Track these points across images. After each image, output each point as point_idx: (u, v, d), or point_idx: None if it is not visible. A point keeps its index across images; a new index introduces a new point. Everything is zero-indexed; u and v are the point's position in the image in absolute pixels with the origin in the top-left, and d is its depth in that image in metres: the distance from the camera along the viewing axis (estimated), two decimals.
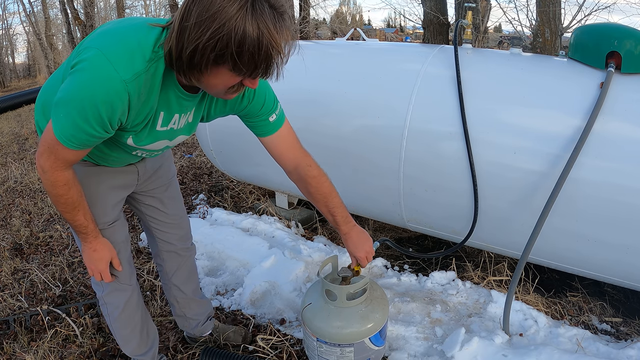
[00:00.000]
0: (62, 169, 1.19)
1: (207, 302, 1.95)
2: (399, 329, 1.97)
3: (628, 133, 1.69)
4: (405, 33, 31.53)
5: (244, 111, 1.37)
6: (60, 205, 1.27)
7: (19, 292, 2.49)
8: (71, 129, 1.08)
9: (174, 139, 1.34)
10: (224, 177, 4.08)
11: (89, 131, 1.08)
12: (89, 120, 1.05)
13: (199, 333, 1.95)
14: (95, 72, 1.01)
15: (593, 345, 1.86)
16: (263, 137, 1.44)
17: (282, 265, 2.41)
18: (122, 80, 1.02)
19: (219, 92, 1.10)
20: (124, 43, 1.04)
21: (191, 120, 1.33)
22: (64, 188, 1.23)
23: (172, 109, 1.21)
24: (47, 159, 1.16)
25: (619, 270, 1.83)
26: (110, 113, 1.05)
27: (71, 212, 1.29)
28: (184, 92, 1.18)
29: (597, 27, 1.98)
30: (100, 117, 1.05)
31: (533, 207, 1.84)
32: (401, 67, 2.24)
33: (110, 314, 1.60)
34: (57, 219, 3.49)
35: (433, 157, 2.04)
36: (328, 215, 1.57)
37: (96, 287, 1.59)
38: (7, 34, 23.44)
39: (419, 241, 2.87)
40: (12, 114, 8.67)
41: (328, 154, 2.37)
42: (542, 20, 4.26)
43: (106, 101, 1.03)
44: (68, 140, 1.10)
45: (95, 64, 1.01)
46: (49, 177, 1.20)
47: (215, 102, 1.32)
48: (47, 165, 1.17)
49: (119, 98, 1.04)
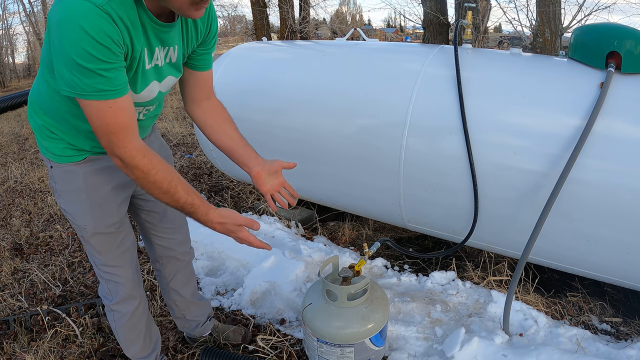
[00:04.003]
0: (131, 143, 1.13)
1: (207, 303, 1.94)
2: (399, 329, 1.97)
3: (628, 133, 1.69)
4: (405, 33, 31.53)
5: (206, 37, 1.37)
6: (162, 193, 1.20)
7: (19, 292, 2.49)
8: (90, 78, 1.04)
9: (162, 80, 1.32)
10: (224, 177, 4.08)
11: (106, 66, 1.04)
12: (97, 56, 1.02)
13: (199, 333, 1.95)
14: (70, 14, 0.99)
15: (593, 345, 1.86)
16: (202, 71, 1.44)
17: (282, 265, 2.41)
18: (96, 5, 1.00)
19: (184, 5, 1.08)
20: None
21: (175, 60, 1.32)
22: (153, 170, 1.17)
23: (152, 42, 1.19)
24: (109, 141, 1.12)
25: (619, 270, 1.83)
26: (107, 39, 1.03)
27: (171, 193, 1.21)
28: (158, 22, 1.17)
29: (597, 27, 1.98)
30: (104, 47, 1.03)
31: (533, 207, 1.84)
32: (401, 67, 2.24)
33: (116, 321, 1.60)
34: (57, 219, 3.49)
35: (433, 157, 2.04)
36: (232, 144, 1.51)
37: (104, 296, 1.58)
38: (7, 34, 23.44)
39: (419, 241, 2.87)
40: (12, 114, 8.67)
41: (328, 153, 2.37)
42: (542, 20, 4.26)
43: (97, 31, 1.00)
44: (97, 92, 1.06)
45: (66, 8, 1.00)
46: (130, 166, 1.15)
47: (190, 31, 1.31)
48: (117, 150, 1.13)
49: (106, 22, 1.02)
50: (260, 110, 2.53)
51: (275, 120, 2.50)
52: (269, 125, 2.53)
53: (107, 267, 1.49)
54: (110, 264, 1.49)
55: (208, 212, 1.28)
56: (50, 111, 1.29)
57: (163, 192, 1.21)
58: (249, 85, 2.67)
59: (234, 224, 1.29)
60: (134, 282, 1.56)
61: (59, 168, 1.36)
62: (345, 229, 2.94)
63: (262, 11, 8.21)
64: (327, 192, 2.55)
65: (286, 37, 8.31)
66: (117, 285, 1.53)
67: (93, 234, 1.42)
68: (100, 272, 1.52)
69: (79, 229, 1.44)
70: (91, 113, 1.10)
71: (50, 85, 1.23)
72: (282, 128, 2.50)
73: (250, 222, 1.31)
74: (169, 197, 1.22)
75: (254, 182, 1.52)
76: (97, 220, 1.41)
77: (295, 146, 2.47)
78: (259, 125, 2.55)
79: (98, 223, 1.41)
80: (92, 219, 1.40)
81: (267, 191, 1.52)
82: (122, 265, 1.51)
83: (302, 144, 2.44)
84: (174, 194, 1.21)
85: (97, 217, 1.40)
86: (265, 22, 8.39)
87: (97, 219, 1.40)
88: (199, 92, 1.48)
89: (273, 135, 2.53)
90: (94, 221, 1.40)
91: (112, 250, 1.47)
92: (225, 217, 1.29)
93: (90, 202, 1.38)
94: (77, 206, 1.39)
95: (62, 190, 1.39)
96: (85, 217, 1.40)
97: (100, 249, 1.46)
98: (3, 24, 22.70)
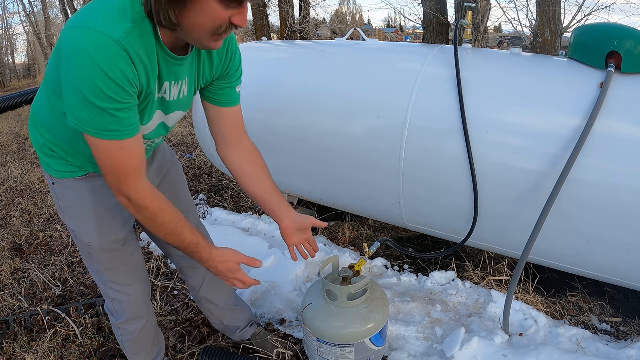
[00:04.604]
0: (142, 186, 1.10)
1: (245, 308, 1.89)
2: (399, 329, 1.97)
3: (628, 133, 1.69)
4: (405, 33, 31.51)
5: (225, 71, 1.30)
6: (167, 234, 1.19)
7: (19, 292, 2.49)
8: (101, 117, 0.97)
9: (169, 113, 1.26)
10: (224, 177, 4.08)
11: (118, 106, 0.98)
12: (110, 95, 0.96)
13: (238, 338, 1.90)
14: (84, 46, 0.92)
15: (593, 345, 1.86)
16: (227, 107, 1.35)
17: (282, 265, 2.41)
18: (114, 40, 0.93)
19: (203, 37, 1.00)
20: (102, 10, 0.95)
21: (186, 94, 1.26)
22: (161, 213, 1.14)
23: (164, 77, 1.13)
24: (118, 181, 1.07)
25: (619, 270, 1.83)
26: (122, 78, 0.97)
27: (177, 234, 1.19)
28: (171, 55, 1.09)
29: (597, 27, 1.98)
30: (118, 85, 0.97)
31: (533, 207, 1.84)
32: (401, 67, 2.24)
33: (122, 336, 1.56)
34: (57, 219, 3.49)
35: (433, 157, 2.04)
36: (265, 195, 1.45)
37: (111, 314, 1.53)
38: (7, 34, 23.44)
39: (419, 241, 2.87)
40: (12, 114, 8.66)
41: (328, 154, 2.37)
42: (542, 20, 4.26)
43: (113, 69, 0.94)
44: (107, 131, 0.99)
45: (79, 38, 0.92)
46: (139, 208, 1.12)
47: (202, 65, 1.24)
48: (127, 190, 1.08)
49: (121, 58, 0.95)
50: (261, 110, 2.53)
51: (275, 120, 2.50)
52: (270, 124, 2.53)
53: (114, 284, 1.44)
54: (118, 282, 1.43)
55: (211, 251, 1.28)
56: (52, 130, 1.24)
57: (169, 233, 1.19)
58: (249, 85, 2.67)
59: (235, 262, 1.29)
60: (143, 301, 1.51)
61: (61, 184, 1.31)
62: (345, 229, 2.95)
63: (262, 11, 8.22)
64: (327, 192, 2.55)
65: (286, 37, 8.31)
66: (123, 305, 1.48)
67: (98, 250, 1.36)
68: (107, 290, 1.46)
69: (83, 247, 1.38)
70: (99, 151, 1.04)
71: (55, 107, 1.15)
72: (282, 128, 2.50)
73: (253, 262, 1.31)
74: (175, 237, 1.20)
75: (281, 233, 1.50)
76: (103, 236, 1.35)
77: (295, 146, 2.47)
78: (259, 125, 2.55)
79: (104, 239, 1.35)
80: (97, 234, 1.34)
81: (292, 244, 1.52)
82: (130, 283, 1.46)
83: (302, 143, 2.43)
84: (180, 234, 1.20)
85: (102, 233, 1.34)
86: (265, 22, 8.39)
87: (102, 235, 1.34)
88: (229, 133, 1.39)
89: (274, 134, 2.53)
90: (100, 237, 1.34)
91: (119, 267, 1.42)
92: (227, 255, 1.29)
93: (95, 217, 1.32)
94: (81, 222, 1.33)
95: (65, 206, 1.34)
96: (90, 233, 1.34)
97: (108, 266, 1.40)
98: (3, 24, 22.71)
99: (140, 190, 1.10)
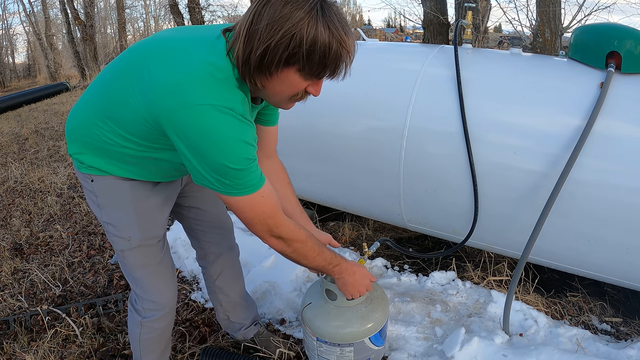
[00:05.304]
0: (286, 220, 1.20)
1: (252, 306, 1.91)
2: (399, 329, 1.97)
3: (628, 133, 1.69)
4: (405, 33, 31.52)
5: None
6: (315, 260, 1.31)
7: (19, 292, 2.49)
8: (243, 177, 1.08)
9: None
10: None
11: (254, 163, 1.10)
12: (248, 157, 1.07)
13: (241, 337, 1.91)
14: (219, 128, 1.02)
15: (593, 345, 1.86)
16: (270, 126, 1.49)
17: (282, 265, 2.41)
18: (237, 115, 1.04)
19: (281, 101, 1.12)
20: (213, 81, 1.03)
21: None
22: (309, 238, 1.26)
23: None
24: (268, 226, 1.17)
25: (619, 270, 1.83)
26: (253, 140, 1.09)
27: (320, 255, 1.32)
28: (253, 106, 1.20)
29: (597, 27, 1.98)
30: (252, 146, 1.09)
31: (533, 207, 1.84)
32: (401, 67, 2.24)
33: (142, 334, 1.55)
34: (57, 219, 3.49)
35: (433, 157, 2.04)
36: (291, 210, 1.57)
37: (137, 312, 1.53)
38: (7, 34, 23.43)
39: (419, 241, 2.87)
40: (12, 114, 8.66)
41: (327, 154, 2.37)
42: (542, 20, 4.26)
43: (249, 138, 1.07)
44: (249, 187, 1.11)
45: (211, 120, 1.01)
46: (290, 241, 1.22)
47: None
48: (277, 230, 1.18)
49: (249, 127, 1.08)
50: None
51: None
52: None
53: (145, 281, 1.45)
54: (149, 279, 1.46)
55: (344, 259, 1.43)
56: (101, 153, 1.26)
57: (317, 253, 1.32)
58: None
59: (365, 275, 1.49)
60: (172, 299, 1.54)
61: (101, 180, 1.31)
62: (345, 229, 2.95)
63: None
64: (327, 192, 2.55)
65: None
66: (155, 305, 1.50)
67: (137, 246, 1.38)
68: (136, 287, 1.48)
69: (121, 242, 1.38)
70: (244, 208, 1.13)
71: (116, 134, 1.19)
72: (282, 128, 2.49)
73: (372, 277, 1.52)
74: (321, 256, 1.33)
75: None
76: (145, 232, 1.38)
77: (295, 146, 2.47)
78: None
79: (144, 234, 1.38)
80: (138, 229, 1.36)
81: None
82: (161, 281, 1.48)
83: (302, 143, 2.43)
84: (322, 252, 1.33)
85: (143, 228, 1.37)
86: None
87: (144, 231, 1.38)
88: (262, 148, 1.44)
89: None
90: (141, 232, 1.37)
91: (152, 264, 1.44)
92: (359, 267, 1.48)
93: (137, 212, 1.35)
94: (123, 217, 1.35)
95: (105, 203, 1.35)
96: (131, 228, 1.36)
97: (142, 262, 1.42)
98: (3, 24, 22.71)
99: (288, 224, 1.21)
